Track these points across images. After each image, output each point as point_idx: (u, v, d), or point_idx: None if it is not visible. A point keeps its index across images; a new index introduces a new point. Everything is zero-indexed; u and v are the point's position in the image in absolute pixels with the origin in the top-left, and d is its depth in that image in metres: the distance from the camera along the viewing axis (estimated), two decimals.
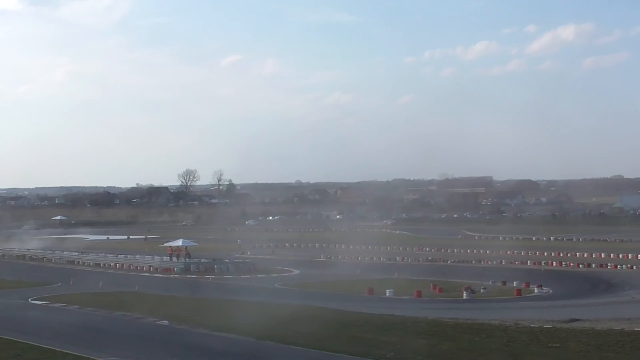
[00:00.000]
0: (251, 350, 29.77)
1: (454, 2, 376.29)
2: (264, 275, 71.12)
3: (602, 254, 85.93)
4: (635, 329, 38.90)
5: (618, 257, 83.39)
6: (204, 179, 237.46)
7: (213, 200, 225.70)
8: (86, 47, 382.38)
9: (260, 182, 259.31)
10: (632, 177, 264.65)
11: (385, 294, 57.70)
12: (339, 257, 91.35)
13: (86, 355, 28.05)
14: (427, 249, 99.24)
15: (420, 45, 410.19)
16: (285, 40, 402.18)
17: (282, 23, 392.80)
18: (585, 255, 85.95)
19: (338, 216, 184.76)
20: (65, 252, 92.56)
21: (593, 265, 76.94)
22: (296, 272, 75.35)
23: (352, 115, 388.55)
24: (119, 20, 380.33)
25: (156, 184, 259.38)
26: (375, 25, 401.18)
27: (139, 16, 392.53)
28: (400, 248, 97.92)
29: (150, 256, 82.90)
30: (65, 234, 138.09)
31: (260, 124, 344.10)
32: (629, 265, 75.55)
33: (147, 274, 73.48)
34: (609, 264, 77.52)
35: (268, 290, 59.25)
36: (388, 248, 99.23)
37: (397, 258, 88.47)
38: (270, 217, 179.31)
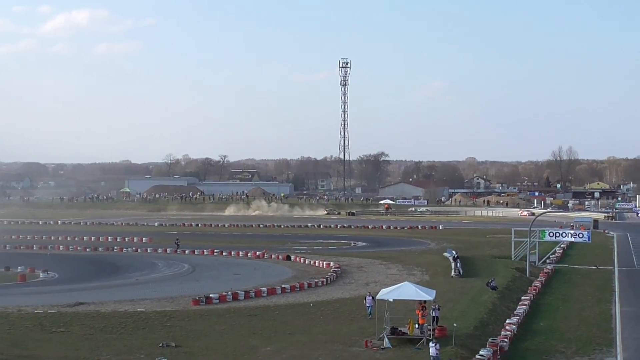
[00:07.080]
0: None
1: None
2: None
3: (110, 237, 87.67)
4: (138, 309, 40.63)
5: (124, 240, 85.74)
6: None
7: None
8: None
9: None
10: (139, 162, 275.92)
11: None
12: None
13: None
14: None
15: None
16: None
17: None
18: (93, 239, 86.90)
19: None
20: None
21: (100, 249, 78.03)
22: None
23: None
24: None
25: None
26: None
27: None
28: None
29: None
30: None
31: None
32: (134, 248, 78.10)
33: None
34: (115, 247, 79.24)
35: None
36: None
37: None
38: None
